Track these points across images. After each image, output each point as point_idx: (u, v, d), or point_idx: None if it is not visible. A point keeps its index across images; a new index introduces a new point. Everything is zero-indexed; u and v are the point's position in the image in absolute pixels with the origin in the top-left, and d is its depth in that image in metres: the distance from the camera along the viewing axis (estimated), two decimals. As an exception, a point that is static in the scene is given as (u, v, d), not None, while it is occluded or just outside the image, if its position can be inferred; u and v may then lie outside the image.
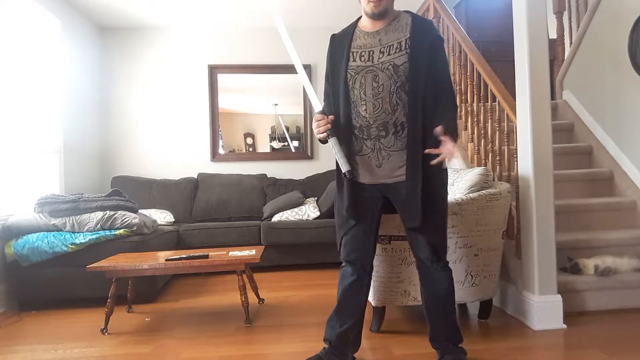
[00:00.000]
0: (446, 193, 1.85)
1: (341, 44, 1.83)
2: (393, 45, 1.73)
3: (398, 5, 1.84)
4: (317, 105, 1.78)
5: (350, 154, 1.80)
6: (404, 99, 1.72)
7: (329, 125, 1.73)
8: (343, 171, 1.75)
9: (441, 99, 1.74)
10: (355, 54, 1.78)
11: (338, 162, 1.75)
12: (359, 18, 1.86)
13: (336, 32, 1.92)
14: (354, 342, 1.88)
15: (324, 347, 1.88)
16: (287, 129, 4.88)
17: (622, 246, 2.70)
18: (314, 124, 1.77)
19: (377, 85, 1.73)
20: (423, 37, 1.72)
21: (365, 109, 1.75)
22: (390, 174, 1.77)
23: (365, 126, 1.76)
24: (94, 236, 2.97)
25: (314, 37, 4.82)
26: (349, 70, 1.78)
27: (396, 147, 1.75)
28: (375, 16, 1.75)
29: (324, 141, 1.80)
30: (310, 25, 4.80)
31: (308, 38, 4.83)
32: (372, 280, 2.24)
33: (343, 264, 1.90)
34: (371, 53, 1.75)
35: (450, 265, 2.25)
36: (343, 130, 1.80)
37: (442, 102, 1.74)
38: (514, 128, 2.54)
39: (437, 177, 1.77)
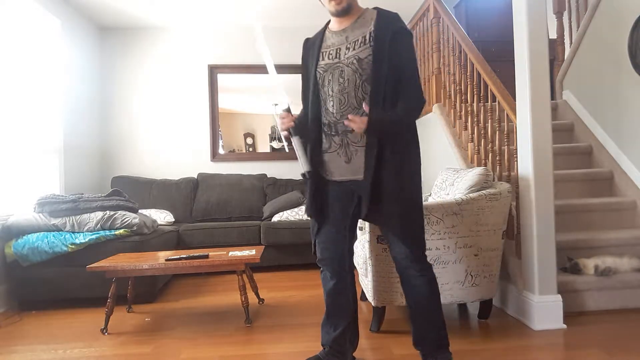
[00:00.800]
0: (418, 189, 1.76)
1: (312, 46, 1.86)
2: (358, 40, 1.72)
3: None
4: (284, 103, 1.79)
5: (319, 154, 1.80)
6: (369, 92, 1.70)
7: (292, 123, 1.76)
8: (302, 171, 1.77)
9: (402, 94, 1.69)
10: (324, 53, 1.80)
11: (299, 160, 1.77)
12: (329, 21, 1.86)
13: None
14: (351, 341, 1.88)
15: (324, 349, 1.87)
16: (287, 129, 4.88)
17: (622, 246, 2.70)
18: (278, 122, 1.79)
19: (343, 80, 1.72)
20: (386, 29, 1.68)
21: (333, 105, 1.75)
22: (359, 170, 1.74)
23: (333, 122, 1.76)
24: (94, 236, 2.97)
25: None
26: (318, 69, 1.79)
27: (363, 142, 1.72)
28: (339, 13, 1.75)
29: (288, 140, 1.80)
30: (309, 24, 4.79)
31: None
32: (372, 281, 2.25)
33: (321, 268, 1.88)
34: (338, 50, 1.76)
35: (450, 265, 2.26)
36: (313, 129, 1.80)
37: (403, 97, 1.69)
38: (514, 128, 2.53)
39: (401, 170, 1.70)
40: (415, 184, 1.76)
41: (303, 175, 1.77)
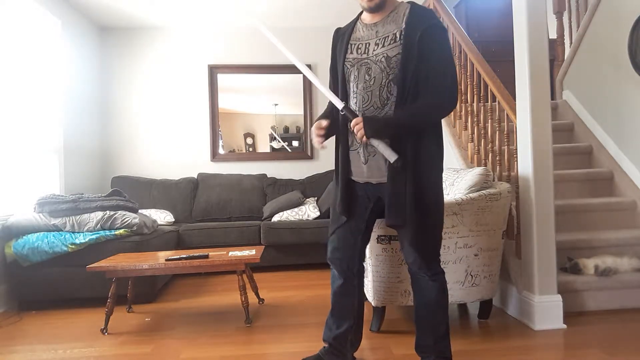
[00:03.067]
0: (438, 197, 1.69)
1: (342, 37, 1.81)
2: (388, 37, 1.66)
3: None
4: (338, 102, 1.70)
5: (346, 150, 1.75)
6: (395, 93, 1.64)
7: (323, 131, 1.74)
8: (391, 161, 1.60)
9: (424, 91, 1.60)
10: (353, 46, 1.74)
11: (384, 154, 1.61)
12: (362, 11, 1.81)
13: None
14: (352, 342, 1.88)
15: (324, 347, 1.88)
16: (287, 129, 4.88)
17: (622, 246, 2.70)
18: (313, 134, 1.78)
19: (369, 78, 1.67)
20: (417, 26, 1.60)
21: (356, 102, 1.70)
22: (375, 173, 1.70)
23: None
24: (94, 236, 2.97)
25: (314, 37, 4.82)
26: (345, 63, 1.74)
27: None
28: (371, 9, 1.70)
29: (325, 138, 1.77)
30: (310, 25, 4.80)
31: (308, 38, 4.83)
32: (372, 281, 2.25)
33: (330, 266, 1.86)
34: (367, 45, 1.71)
35: (450, 265, 2.26)
36: (342, 123, 1.76)
37: (422, 95, 1.60)
38: (514, 128, 2.54)
39: (427, 179, 1.66)
40: (432, 190, 1.68)
41: (395, 162, 1.59)
